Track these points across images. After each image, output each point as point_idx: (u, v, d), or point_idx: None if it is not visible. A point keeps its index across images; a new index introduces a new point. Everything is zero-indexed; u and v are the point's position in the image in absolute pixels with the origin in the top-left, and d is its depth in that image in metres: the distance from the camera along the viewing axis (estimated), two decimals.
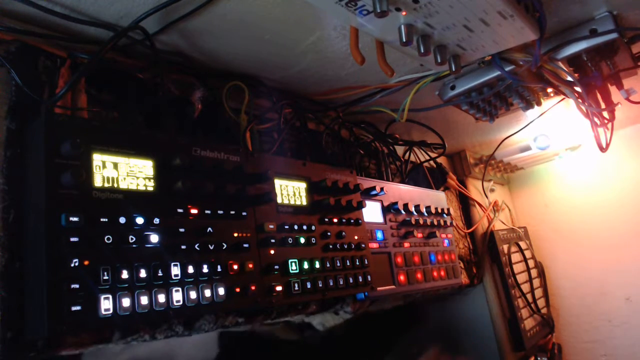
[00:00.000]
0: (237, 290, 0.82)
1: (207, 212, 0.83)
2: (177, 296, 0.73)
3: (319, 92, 1.28)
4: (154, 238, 0.73)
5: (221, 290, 0.80)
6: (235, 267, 0.84)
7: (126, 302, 0.67)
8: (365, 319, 1.21)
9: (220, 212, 0.85)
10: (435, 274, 1.42)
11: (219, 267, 0.81)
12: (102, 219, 0.68)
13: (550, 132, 1.95)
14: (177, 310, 0.73)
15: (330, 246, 1.05)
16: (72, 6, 0.79)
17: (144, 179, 0.76)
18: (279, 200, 0.99)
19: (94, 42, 0.87)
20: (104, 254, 0.67)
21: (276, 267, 0.91)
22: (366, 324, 1.44)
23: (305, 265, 0.98)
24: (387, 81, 1.25)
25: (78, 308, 0.62)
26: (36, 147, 0.69)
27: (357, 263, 1.10)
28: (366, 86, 1.27)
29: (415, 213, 1.42)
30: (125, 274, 0.68)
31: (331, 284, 1.02)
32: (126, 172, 0.74)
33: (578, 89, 1.22)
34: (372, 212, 1.28)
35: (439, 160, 1.85)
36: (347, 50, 1.06)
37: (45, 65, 0.80)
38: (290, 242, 0.96)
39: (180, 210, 0.79)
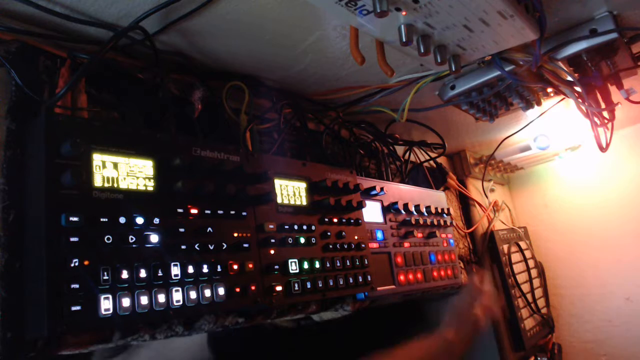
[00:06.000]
0: (237, 290, 0.82)
1: (207, 212, 0.83)
2: (177, 296, 0.73)
3: (319, 92, 1.28)
4: (154, 238, 0.73)
5: (221, 290, 0.80)
6: (235, 267, 0.84)
7: (126, 302, 0.67)
8: (363, 314, 1.21)
9: (220, 212, 0.85)
10: (435, 274, 1.42)
11: (219, 267, 0.81)
12: (102, 219, 0.68)
13: (550, 132, 1.95)
14: (177, 310, 0.73)
15: (330, 246, 1.05)
16: (72, 6, 0.79)
17: (144, 179, 0.76)
18: (279, 200, 0.99)
19: (94, 42, 0.87)
20: (104, 254, 0.67)
21: (276, 267, 0.91)
22: (364, 320, 1.44)
23: (305, 265, 0.98)
24: (387, 81, 1.25)
25: (78, 308, 0.62)
26: (36, 147, 0.69)
27: (357, 263, 1.10)
28: (366, 86, 1.27)
29: (415, 213, 1.42)
30: (125, 274, 0.68)
31: (331, 284, 1.01)
32: (126, 172, 0.74)
33: (578, 88, 1.22)
34: (372, 212, 1.28)
35: (439, 160, 1.85)
36: (347, 50, 1.06)
37: (45, 65, 0.80)
38: (290, 242, 0.96)
39: (180, 210, 0.79)
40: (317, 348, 1.48)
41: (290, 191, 1.03)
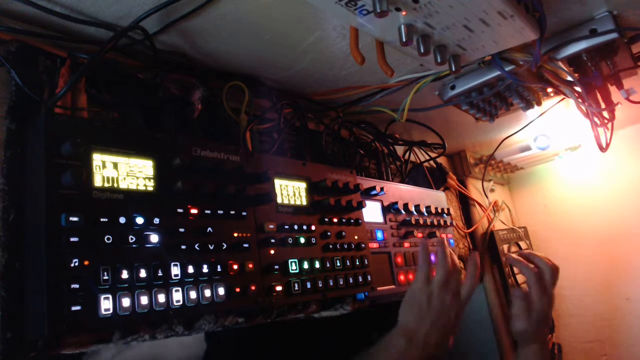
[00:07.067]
0: (237, 290, 0.82)
1: (207, 212, 0.83)
2: (177, 296, 0.73)
3: (319, 92, 1.28)
4: (154, 238, 0.73)
5: (221, 290, 0.80)
6: (235, 267, 0.84)
7: (126, 302, 0.67)
8: (362, 314, 1.21)
9: (220, 212, 0.85)
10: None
11: (219, 267, 0.81)
12: (102, 219, 0.68)
13: (550, 132, 1.95)
14: (177, 310, 0.73)
15: (330, 246, 1.05)
16: (72, 6, 0.79)
17: (144, 179, 0.76)
18: (279, 200, 0.99)
19: (94, 42, 0.87)
20: (104, 254, 0.67)
21: (276, 267, 0.91)
22: (363, 321, 1.44)
23: (305, 265, 0.98)
24: (387, 81, 1.25)
25: (78, 308, 0.63)
26: (36, 147, 0.69)
27: (357, 263, 1.10)
28: (366, 86, 1.27)
29: (415, 213, 1.42)
30: (125, 274, 0.68)
31: (331, 284, 1.02)
32: (126, 172, 0.74)
33: (578, 88, 1.22)
34: (372, 212, 1.28)
35: (439, 160, 1.85)
36: (347, 50, 1.06)
37: (45, 65, 0.80)
38: (290, 242, 0.96)
39: (180, 210, 0.79)
40: (312, 342, 1.48)
41: (290, 191, 1.03)
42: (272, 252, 0.93)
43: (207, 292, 0.78)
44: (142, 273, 0.70)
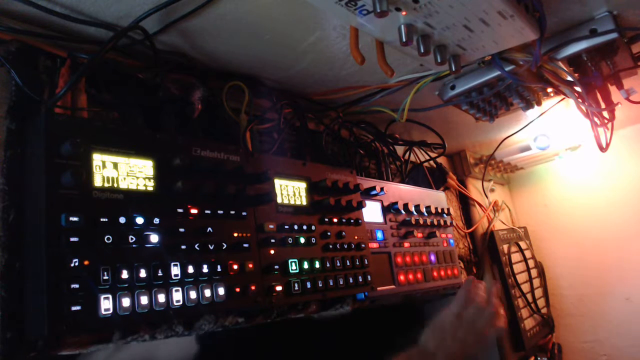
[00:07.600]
0: (237, 290, 0.82)
1: (207, 212, 0.83)
2: (177, 296, 0.73)
3: (319, 92, 1.28)
4: (154, 238, 0.73)
5: (221, 290, 0.80)
6: (235, 267, 0.84)
7: (126, 302, 0.67)
8: (363, 316, 1.20)
9: (220, 212, 0.85)
10: (435, 274, 1.42)
11: (219, 267, 0.81)
12: (102, 219, 0.68)
13: (550, 132, 1.95)
14: (177, 310, 0.73)
15: (330, 246, 1.05)
16: (72, 6, 0.79)
17: (144, 179, 0.76)
18: (279, 200, 0.99)
19: (94, 42, 0.87)
20: (104, 254, 0.67)
21: (276, 267, 0.91)
22: (364, 322, 1.43)
23: (305, 265, 0.98)
24: (387, 81, 1.25)
25: (78, 308, 0.63)
26: (36, 147, 0.69)
27: (357, 263, 1.10)
28: (366, 86, 1.27)
29: (415, 213, 1.42)
30: (125, 274, 0.68)
31: (331, 284, 1.01)
32: (126, 172, 0.74)
33: (578, 88, 1.22)
34: (372, 212, 1.28)
35: (439, 160, 1.85)
36: (347, 50, 1.06)
37: (45, 65, 0.80)
38: (290, 242, 0.96)
39: (180, 210, 0.79)
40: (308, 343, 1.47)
41: (290, 191, 1.03)
42: (272, 252, 0.93)
43: (207, 292, 0.78)
44: (142, 273, 0.70)
